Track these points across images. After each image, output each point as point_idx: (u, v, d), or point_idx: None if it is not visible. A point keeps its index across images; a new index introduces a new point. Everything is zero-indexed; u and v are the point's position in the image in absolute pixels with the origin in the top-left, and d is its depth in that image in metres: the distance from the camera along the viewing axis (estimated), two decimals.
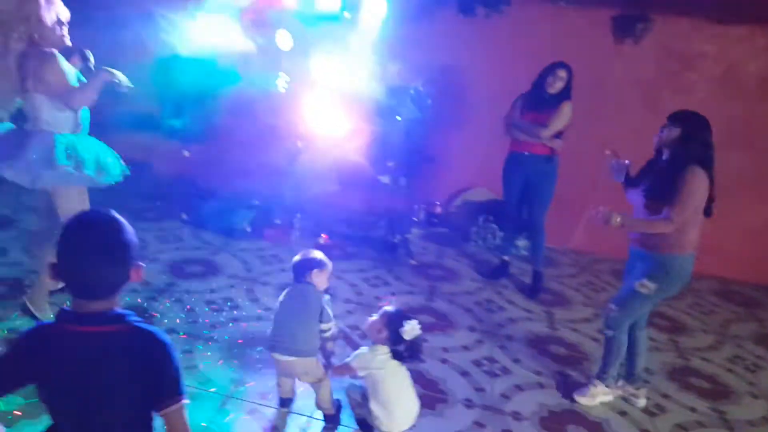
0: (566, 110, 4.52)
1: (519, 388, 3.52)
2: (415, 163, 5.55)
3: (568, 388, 3.53)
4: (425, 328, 4.03)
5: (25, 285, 3.88)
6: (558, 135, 4.59)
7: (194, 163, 6.17)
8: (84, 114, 3.28)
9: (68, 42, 3.16)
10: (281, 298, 2.95)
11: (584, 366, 3.85)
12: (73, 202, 3.20)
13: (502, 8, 5.39)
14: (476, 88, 5.83)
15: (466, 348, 3.91)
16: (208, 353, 3.45)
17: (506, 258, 5.24)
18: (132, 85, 3.21)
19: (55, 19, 3.05)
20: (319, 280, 2.93)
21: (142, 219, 5.48)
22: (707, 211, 3.05)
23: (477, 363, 3.73)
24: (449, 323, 4.24)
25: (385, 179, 5.57)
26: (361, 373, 2.76)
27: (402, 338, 2.68)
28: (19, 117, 3.21)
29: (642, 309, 3.26)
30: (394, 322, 2.73)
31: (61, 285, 3.37)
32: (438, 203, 6.33)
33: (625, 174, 3.32)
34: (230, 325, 3.83)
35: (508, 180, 4.92)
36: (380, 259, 5.30)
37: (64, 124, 3.15)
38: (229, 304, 4.12)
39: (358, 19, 4.94)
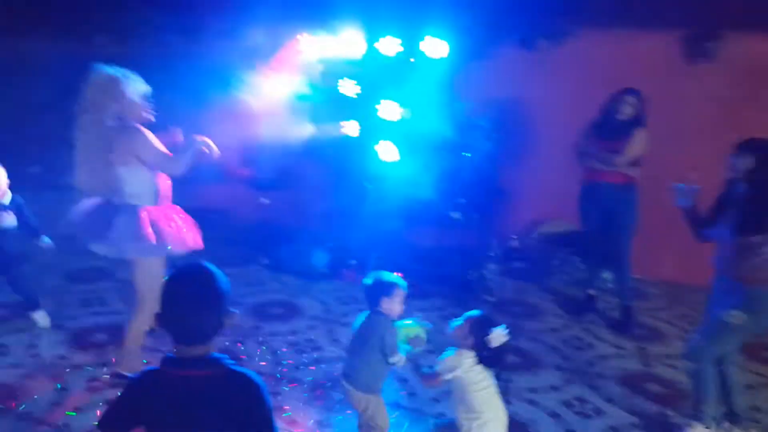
0: (641, 137, 4.39)
1: (614, 429, 3.32)
2: (487, 197, 5.48)
3: (667, 430, 3.30)
4: (509, 367, 3.93)
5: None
6: (634, 163, 4.44)
7: (271, 208, 6.35)
8: (167, 183, 3.42)
9: (152, 117, 3.34)
10: (355, 322, 2.92)
11: (683, 405, 3.57)
12: (152, 272, 3.33)
13: (564, 38, 5.31)
14: (544, 120, 5.72)
15: (554, 388, 3.75)
16: (293, 395, 3.48)
17: (592, 292, 5.02)
18: (220, 152, 3.34)
19: (139, 95, 3.24)
20: (390, 307, 2.81)
21: (225, 264, 5.59)
22: None
23: (567, 404, 3.56)
24: (534, 362, 4.09)
25: (456, 215, 5.53)
26: (447, 376, 2.68)
27: (487, 345, 2.59)
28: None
29: (729, 342, 3.10)
30: (481, 328, 2.65)
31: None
32: (515, 237, 6.19)
33: (692, 200, 3.21)
34: (313, 367, 3.85)
35: (586, 211, 4.77)
36: (456, 297, 5.21)
37: (148, 196, 3.30)
38: (311, 345, 4.16)
39: (422, 61, 5.01)
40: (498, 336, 2.61)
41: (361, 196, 5.47)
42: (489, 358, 2.64)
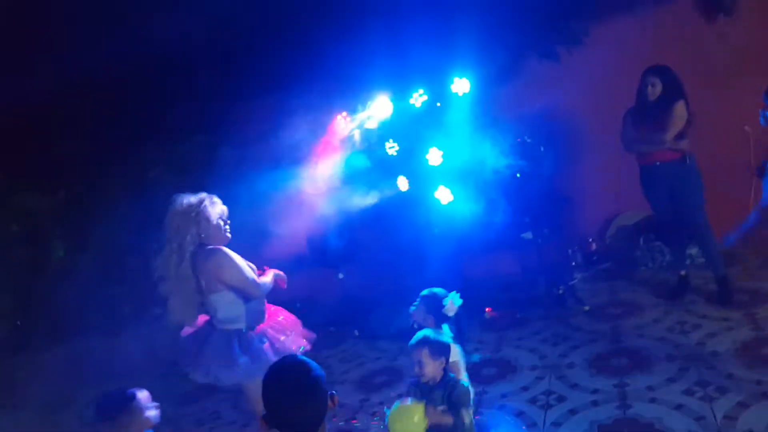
0: (679, 110, 4.37)
1: (743, 405, 3.20)
2: (551, 210, 5.50)
3: None
4: (621, 371, 3.88)
5: None
6: (681, 136, 4.40)
7: (348, 281, 6.51)
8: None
9: (229, 235, 3.37)
10: None
11: None
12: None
13: (581, 39, 5.38)
14: (583, 121, 5.75)
15: (671, 380, 3.66)
16: None
17: (683, 273, 4.89)
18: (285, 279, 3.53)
19: (218, 217, 3.28)
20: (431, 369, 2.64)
21: (323, 347, 5.85)
22: None
23: (689, 392, 3.47)
24: (645, 359, 4.01)
25: (527, 235, 5.56)
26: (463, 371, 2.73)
27: (447, 318, 2.66)
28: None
29: None
30: (435, 303, 2.69)
31: None
32: (591, 240, 6.12)
33: None
34: None
35: (651, 194, 4.74)
36: (552, 316, 5.18)
37: (241, 319, 3.29)
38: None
39: (449, 102, 5.20)
40: (452, 304, 2.64)
41: (431, 244, 5.60)
42: (456, 331, 2.69)
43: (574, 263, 6.07)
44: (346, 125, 5.35)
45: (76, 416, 5.66)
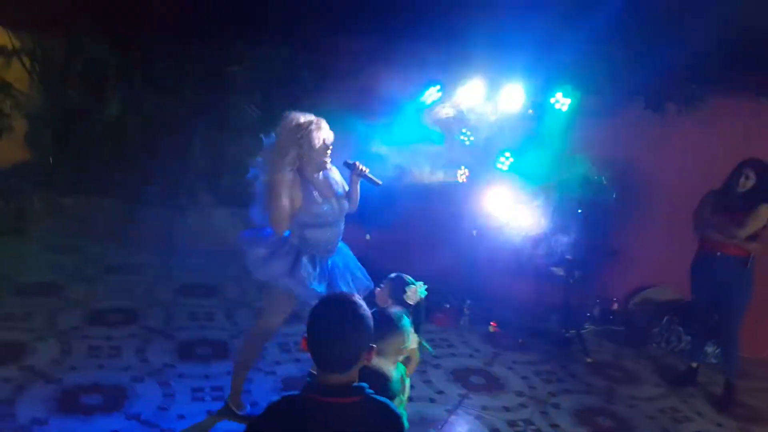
0: (763, 212, 4.31)
1: None
2: (593, 256, 5.46)
3: None
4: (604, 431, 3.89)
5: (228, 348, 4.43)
6: (753, 237, 4.33)
7: (374, 247, 6.53)
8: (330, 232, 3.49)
9: (329, 165, 3.43)
10: None
11: None
12: (282, 306, 3.53)
13: (694, 105, 5.26)
14: (663, 183, 5.64)
15: None
16: None
17: (694, 365, 4.86)
18: (381, 182, 3.54)
19: (322, 143, 3.30)
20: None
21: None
22: None
23: None
24: (629, 429, 4.01)
25: (559, 271, 5.53)
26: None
27: (407, 304, 2.66)
28: None
29: None
30: (398, 288, 2.68)
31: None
32: (615, 299, 6.08)
33: None
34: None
35: (698, 281, 4.68)
36: (553, 354, 5.17)
37: (334, 244, 3.47)
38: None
39: (543, 115, 5.13)
40: (413, 293, 2.64)
41: (465, 243, 5.61)
42: (413, 321, 2.65)
43: (589, 314, 6.04)
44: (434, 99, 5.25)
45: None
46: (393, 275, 2.96)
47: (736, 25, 4.75)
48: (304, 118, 3.27)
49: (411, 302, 2.76)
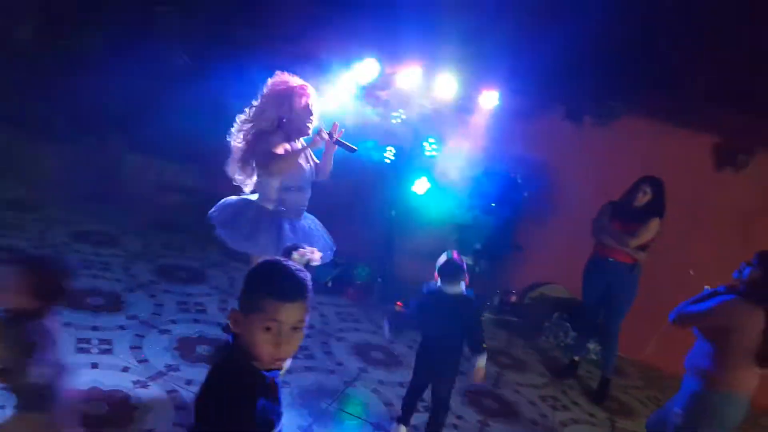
0: (653, 226, 4.66)
1: None
2: (500, 249, 5.71)
3: None
4: (488, 412, 4.14)
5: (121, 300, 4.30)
6: (642, 247, 4.70)
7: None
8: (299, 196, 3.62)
9: (309, 132, 3.51)
10: None
11: None
12: None
13: (609, 120, 5.60)
14: (569, 189, 5.99)
15: None
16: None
17: (576, 358, 5.25)
18: (356, 148, 3.61)
19: (305, 107, 3.40)
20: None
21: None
22: (760, 361, 2.98)
23: None
24: (514, 413, 4.30)
25: (468, 260, 5.75)
26: None
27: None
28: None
29: None
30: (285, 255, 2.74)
31: None
32: (514, 292, 6.42)
33: None
34: (304, 371, 4.05)
35: (589, 282, 5.02)
36: None
37: (270, 200, 3.55)
38: (305, 352, 4.34)
39: (470, 108, 5.28)
40: (300, 257, 2.73)
41: (383, 223, 5.70)
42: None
43: (489, 303, 6.35)
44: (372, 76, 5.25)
45: None
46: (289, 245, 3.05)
47: (654, 52, 5.08)
48: (292, 81, 3.35)
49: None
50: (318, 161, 3.74)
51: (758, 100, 5.16)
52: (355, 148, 3.64)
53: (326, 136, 3.53)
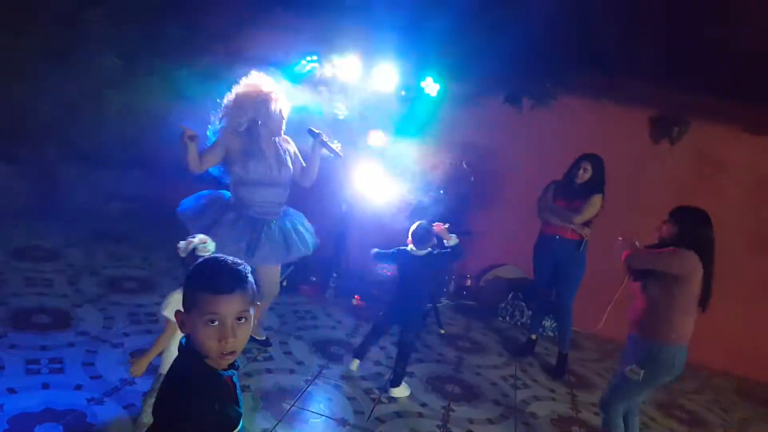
0: (595, 201, 4.78)
1: None
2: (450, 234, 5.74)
3: None
4: (451, 396, 4.18)
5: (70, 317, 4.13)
6: (587, 223, 4.83)
7: None
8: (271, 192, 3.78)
9: (282, 133, 3.71)
10: None
11: None
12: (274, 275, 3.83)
13: (549, 101, 5.71)
14: (514, 172, 6.12)
15: (490, 421, 4.01)
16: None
17: (533, 336, 5.36)
18: (342, 155, 3.83)
19: (278, 113, 3.58)
20: None
21: None
22: (702, 304, 3.19)
23: None
24: (475, 395, 4.35)
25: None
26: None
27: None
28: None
29: (632, 395, 3.32)
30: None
31: None
32: (469, 276, 6.50)
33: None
34: (264, 374, 3.99)
35: (539, 261, 5.12)
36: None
37: (271, 206, 3.75)
38: (264, 355, 4.28)
39: (413, 98, 5.30)
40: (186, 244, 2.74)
41: (335, 217, 5.66)
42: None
43: (445, 289, 6.41)
44: (309, 69, 5.21)
45: None
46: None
47: (587, 31, 5.20)
48: (266, 85, 3.52)
49: (199, 254, 2.66)
50: (305, 164, 3.95)
51: (689, 73, 5.34)
52: (341, 154, 3.89)
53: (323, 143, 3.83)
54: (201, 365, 1.54)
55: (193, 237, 2.76)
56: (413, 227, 3.99)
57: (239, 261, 1.59)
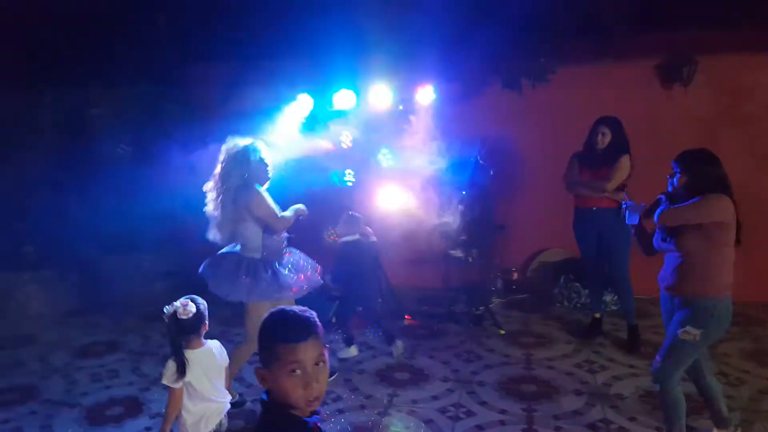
0: (624, 163, 4.62)
1: None
2: (485, 233, 5.64)
3: None
4: (529, 397, 4.02)
5: None
6: (621, 188, 4.65)
7: None
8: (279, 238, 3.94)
9: (269, 175, 3.90)
10: None
11: (703, 416, 3.66)
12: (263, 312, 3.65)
13: (547, 77, 5.59)
14: (532, 154, 5.99)
15: (577, 413, 3.83)
16: None
17: (597, 315, 5.15)
18: (306, 213, 4.02)
19: (260, 161, 3.78)
20: None
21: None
22: (737, 240, 3.03)
23: (592, 427, 3.64)
24: (554, 389, 4.17)
25: (457, 253, 5.68)
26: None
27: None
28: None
29: (688, 358, 3.11)
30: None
31: None
32: (514, 269, 6.34)
33: (638, 217, 3.38)
34: (336, 415, 3.89)
35: (582, 236, 4.96)
36: (468, 333, 5.30)
37: (258, 250, 3.83)
38: (331, 396, 4.19)
39: (412, 108, 5.25)
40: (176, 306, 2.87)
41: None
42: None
43: (494, 288, 6.26)
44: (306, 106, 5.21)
45: None
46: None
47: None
48: (243, 141, 3.76)
49: (183, 317, 2.89)
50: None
51: (685, 16, 5.19)
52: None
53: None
54: (290, 417, 1.56)
55: (176, 302, 2.93)
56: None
57: (304, 308, 1.64)
